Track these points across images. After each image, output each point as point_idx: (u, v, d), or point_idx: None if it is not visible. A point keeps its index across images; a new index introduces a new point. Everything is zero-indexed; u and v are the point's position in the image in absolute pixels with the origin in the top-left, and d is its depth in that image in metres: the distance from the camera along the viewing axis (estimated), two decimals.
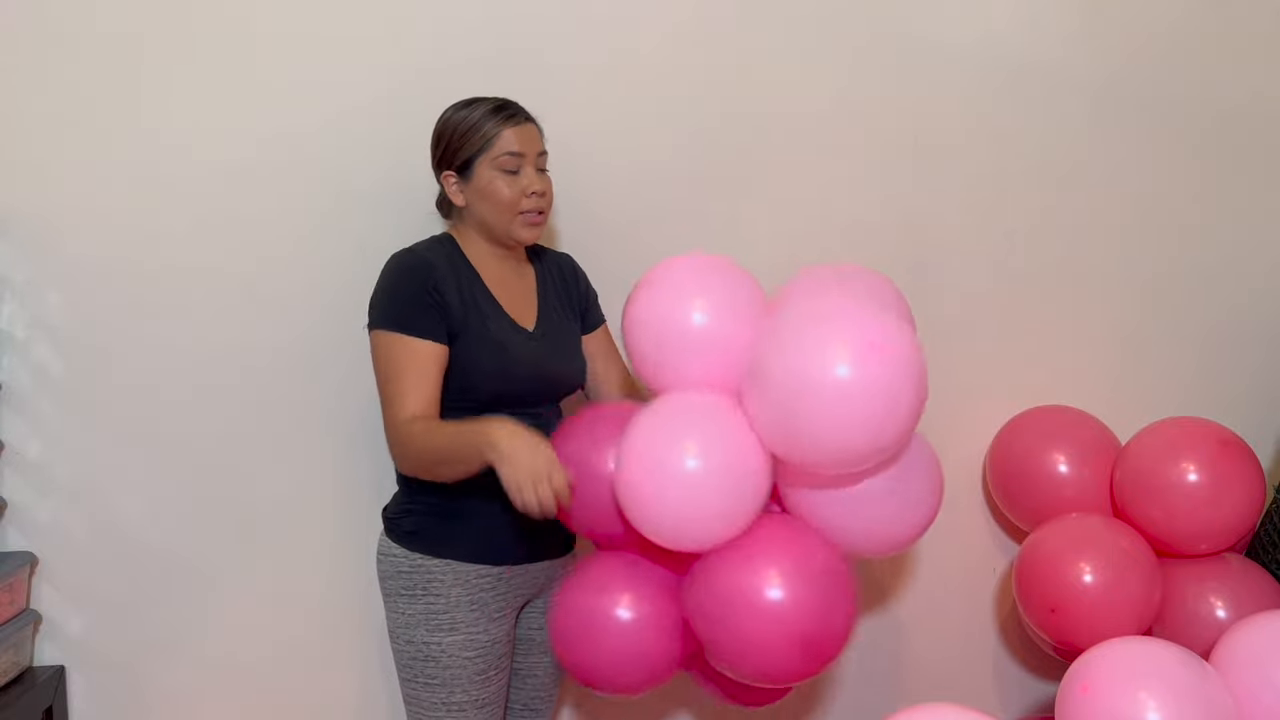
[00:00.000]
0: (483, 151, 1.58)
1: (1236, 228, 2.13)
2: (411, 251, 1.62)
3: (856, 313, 1.39)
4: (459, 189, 1.62)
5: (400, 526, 1.67)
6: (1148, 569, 1.76)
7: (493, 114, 1.59)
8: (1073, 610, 1.74)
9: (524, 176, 1.60)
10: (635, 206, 1.94)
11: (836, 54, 1.97)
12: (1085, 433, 1.97)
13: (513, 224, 1.62)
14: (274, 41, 1.82)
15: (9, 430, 1.83)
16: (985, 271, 2.07)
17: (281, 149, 1.84)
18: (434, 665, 1.60)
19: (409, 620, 1.62)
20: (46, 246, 1.81)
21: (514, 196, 1.59)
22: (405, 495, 1.68)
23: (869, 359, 1.32)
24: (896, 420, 1.35)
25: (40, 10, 1.77)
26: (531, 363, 1.63)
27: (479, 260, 1.65)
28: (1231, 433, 1.84)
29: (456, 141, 1.60)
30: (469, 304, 1.59)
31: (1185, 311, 2.14)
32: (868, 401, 1.32)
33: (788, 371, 1.36)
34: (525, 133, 1.61)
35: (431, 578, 1.61)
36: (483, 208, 1.61)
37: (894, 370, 1.33)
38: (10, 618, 1.78)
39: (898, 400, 1.33)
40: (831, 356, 1.33)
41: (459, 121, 1.60)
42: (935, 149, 2.03)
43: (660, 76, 1.92)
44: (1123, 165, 2.09)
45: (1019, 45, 2.02)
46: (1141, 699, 1.40)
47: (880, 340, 1.33)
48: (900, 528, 1.53)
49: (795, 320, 1.40)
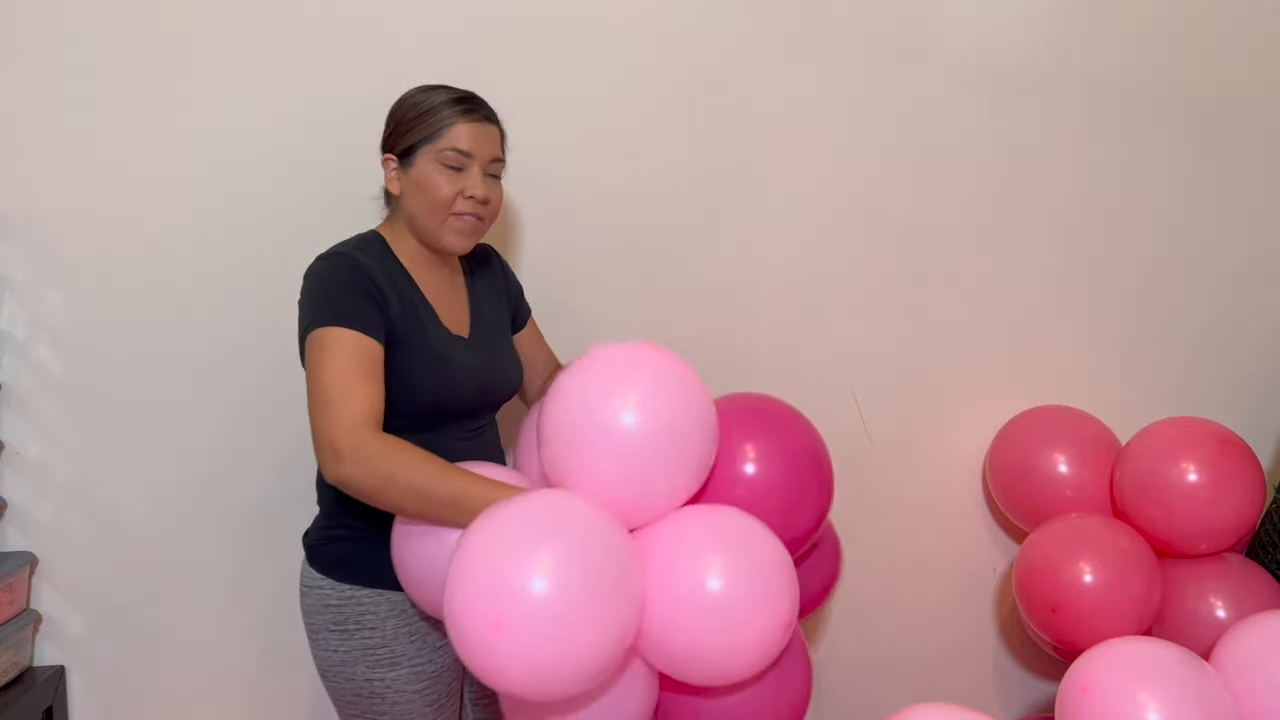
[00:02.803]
0: (428, 140, 1.44)
1: (1236, 227, 2.13)
2: (340, 253, 1.44)
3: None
4: (396, 176, 1.47)
5: (324, 555, 1.50)
6: (1148, 569, 1.76)
7: (452, 104, 1.45)
8: (1073, 610, 1.74)
9: (467, 176, 1.45)
10: (636, 206, 1.94)
11: (836, 55, 1.97)
12: (1085, 433, 1.97)
13: (442, 226, 1.46)
14: (275, 41, 1.82)
15: (9, 430, 1.83)
16: (985, 271, 2.07)
17: (282, 149, 1.84)
18: (381, 702, 1.46)
19: (345, 658, 1.46)
20: (46, 246, 1.81)
21: (449, 195, 1.44)
22: (327, 519, 1.51)
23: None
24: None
25: (40, 10, 1.77)
26: (472, 374, 1.49)
27: (411, 262, 1.49)
28: (1231, 432, 1.83)
29: (405, 124, 1.46)
30: (407, 312, 1.44)
31: (1185, 311, 2.14)
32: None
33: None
34: (481, 131, 1.46)
35: (364, 610, 1.46)
36: (415, 201, 1.45)
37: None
38: (10, 618, 1.78)
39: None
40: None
41: (414, 104, 1.46)
42: (936, 149, 2.03)
43: (660, 80, 1.92)
44: (1122, 165, 2.08)
45: (1019, 46, 2.02)
46: (1141, 699, 1.40)
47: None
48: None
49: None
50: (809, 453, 1.49)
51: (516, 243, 1.93)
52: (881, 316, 2.06)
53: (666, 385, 1.33)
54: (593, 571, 1.19)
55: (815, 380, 2.03)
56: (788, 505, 1.44)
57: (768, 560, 1.31)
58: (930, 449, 2.11)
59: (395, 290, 1.43)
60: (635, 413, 1.29)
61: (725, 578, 1.26)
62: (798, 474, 1.47)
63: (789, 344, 2.03)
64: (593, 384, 1.33)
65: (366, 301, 1.38)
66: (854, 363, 2.06)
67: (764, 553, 1.32)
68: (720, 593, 1.26)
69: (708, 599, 1.26)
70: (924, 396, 2.09)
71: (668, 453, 1.31)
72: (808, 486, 1.48)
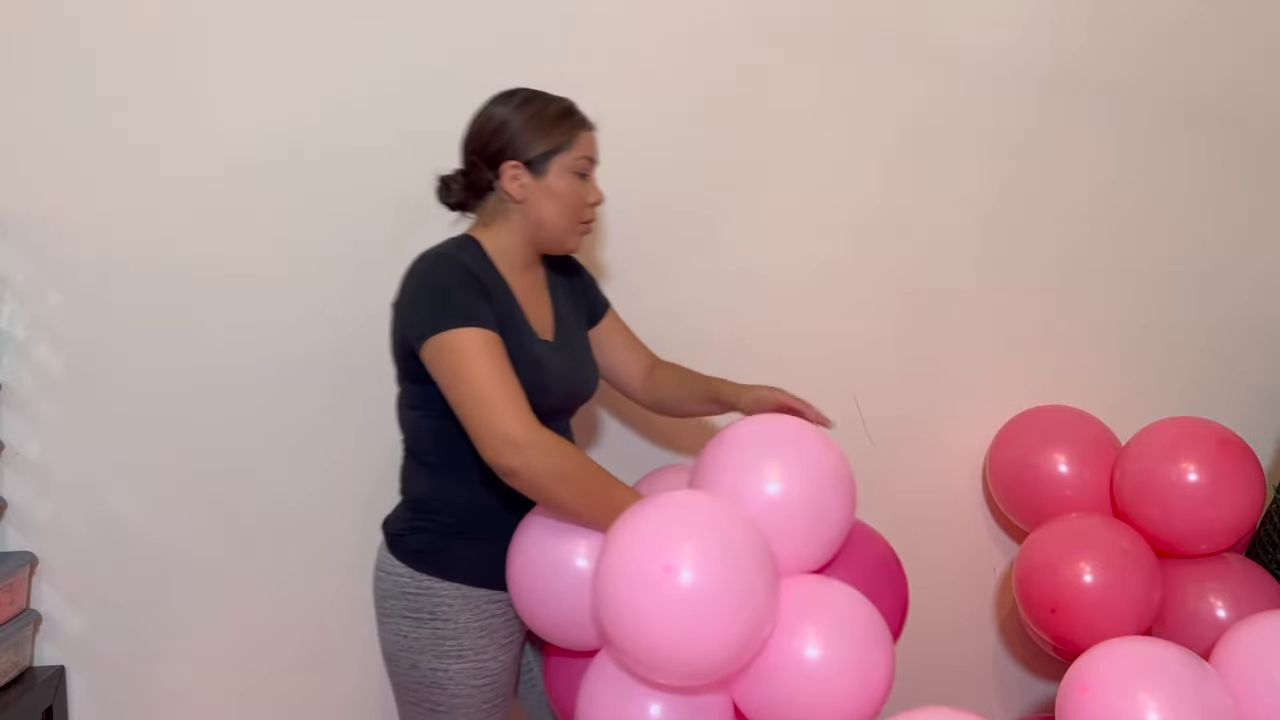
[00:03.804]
0: (561, 150, 1.49)
1: (1236, 227, 2.13)
2: (443, 254, 1.48)
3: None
4: (521, 183, 1.50)
5: (407, 545, 1.54)
6: (1148, 569, 1.76)
7: (572, 113, 1.52)
8: (1073, 610, 1.74)
9: (591, 184, 1.54)
10: (635, 207, 1.94)
11: (837, 55, 1.97)
12: (1085, 432, 1.97)
13: (572, 230, 1.53)
14: (275, 42, 1.82)
15: (9, 430, 1.83)
16: (985, 271, 2.07)
17: (282, 149, 1.84)
18: (440, 692, 1.51)
19: (413, 645, 1.51)
20: (46, 246, 1.81)
21: (582, 201, 1.52)
22: (412, 511, 1.56)
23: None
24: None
25: (40, 11, 1.77)
26: (561, 378, 1.54)
27: (506, 266, 1.52)
28: (1231, 432, 1.83)
29: (528, 134, 1.49)
30: (504, 314, 1.47)
31: (1185, 311, 2.14)
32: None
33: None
34: (594, 140, 1.54)
35: (439, 601, 1.51)
36: (546, 208, 1.50)
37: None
38: (10, 618, 1.78)
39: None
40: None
41: (532, 114, 1.50)
42: (937, 151, 2.03)
43: (664, 79, 1.92)
44: (1123, 166, 2.09)
45: (1020, 47, 2.02)
46: (1142, 699, 1.40)
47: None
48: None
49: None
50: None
51: None
52: (881, 316, 2.06)
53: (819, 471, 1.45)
54: (748, 560, 1.30)
55: (815, 380, 2.03)
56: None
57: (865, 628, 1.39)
58: (930, 449, 2.11)
59: (494, 292, 1.47)
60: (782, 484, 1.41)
61: (823, 647, 1.34)
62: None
63: (789, 344, 2.03)
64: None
65: (481, 299, 1.43)
66: (854, 362, 2.06)
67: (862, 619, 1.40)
68: (818, 661, 1.33)
69: (807, 664, 1.33)
70: (924, 397, 2.09)
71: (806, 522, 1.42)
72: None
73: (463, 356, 1.38)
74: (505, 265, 1.52)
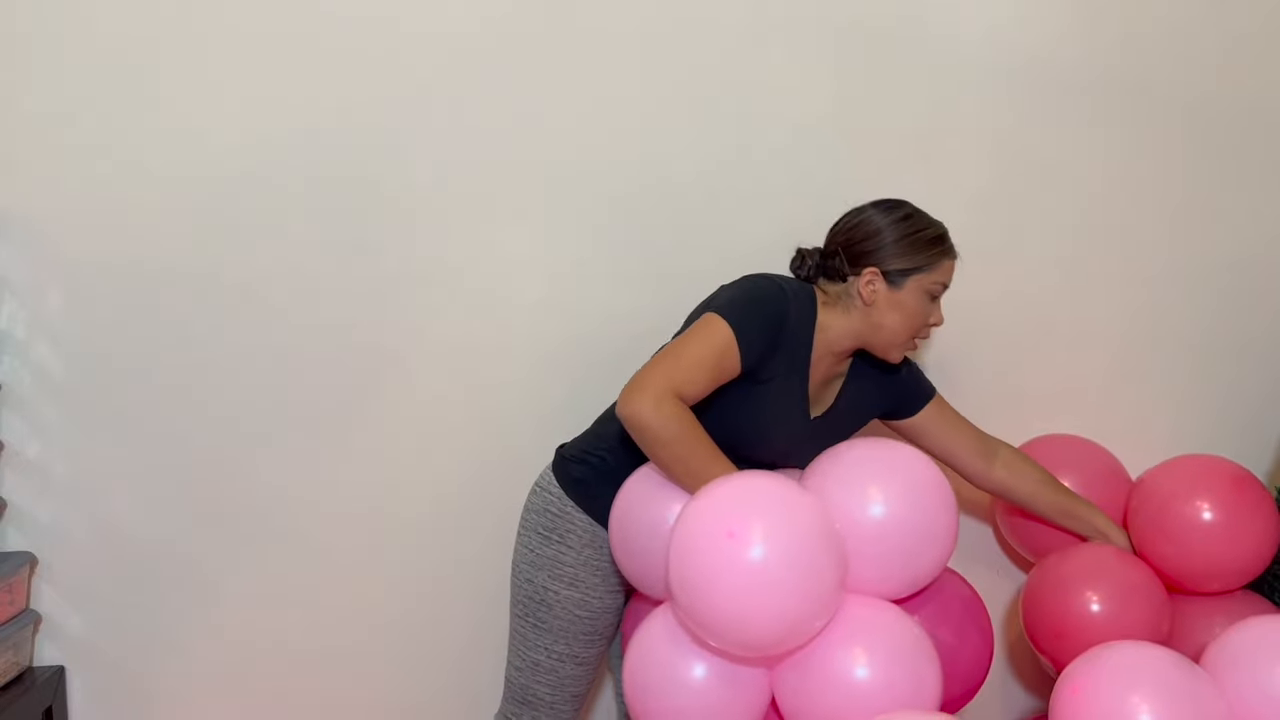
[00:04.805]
0: (923, 270, 1.57)
1: (1236, 227, 2.11)
2: (780, 285, 1.57)
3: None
4: (874, 289, 1.57)
5: (569, 470, 1.65)
6: (1157, 603, 1.75)
7: (943, 240, 1.60)
8: (1078, 640, 1.71)
9: (937, 306, 1.61)
10: (635, 207, 1.94)
11: (836, 54, 1.96)
12: (1094, 463, 1.93)
13: (902, 344, 1.61)
14: (275, 42, 1.81)
15: (9, 430, 1.83)
16: (988, 289, 2.03)
17: (281, 150, 1.83)
18: (546, 610, 1.62)
19: (535, 560, 1.63)
20: (46, 246, 1.81)
21: (922, 322, 1.60)
22: (591, 442, 1.66)
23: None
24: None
25: (40, 11, 1.76)
26: (792, 442, 1.61)
27: (821, 333, 1.60)
28: (1247, 471, 1.82)
29: (898, 248, 1.57)
30: (788, 364, 1.56)
31: (1185, 311, 2.12)
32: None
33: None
34: (953, 268, 1.62)
35: (571, 529, 1.62)
36: (891, 317, 1.58)
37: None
38: (10, 618, 1.79)
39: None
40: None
41: (907, 231, 1.58)
42: (936, 155, 2.02)
43: (663, 79, 1.92)
44: (1123, 168, 2.07)
45: (1018, 45, 2.00)
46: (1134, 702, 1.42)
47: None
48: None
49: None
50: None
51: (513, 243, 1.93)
52: None
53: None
54: (812, 545, 1.35)
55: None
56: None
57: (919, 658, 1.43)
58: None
59: (793, 343, 1.55)
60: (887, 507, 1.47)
61: (870, 665, 1.38)
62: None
63: None
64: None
65: (766, 330, 1.52)
66: None
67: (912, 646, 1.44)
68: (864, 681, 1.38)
69: (846, 676, 1.38)
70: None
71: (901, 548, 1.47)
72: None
73: (704, 334, 1.49)
74: (821, 341, 1.60)
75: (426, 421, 1.92)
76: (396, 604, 1.96)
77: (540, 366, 1.93)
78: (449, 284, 1.90)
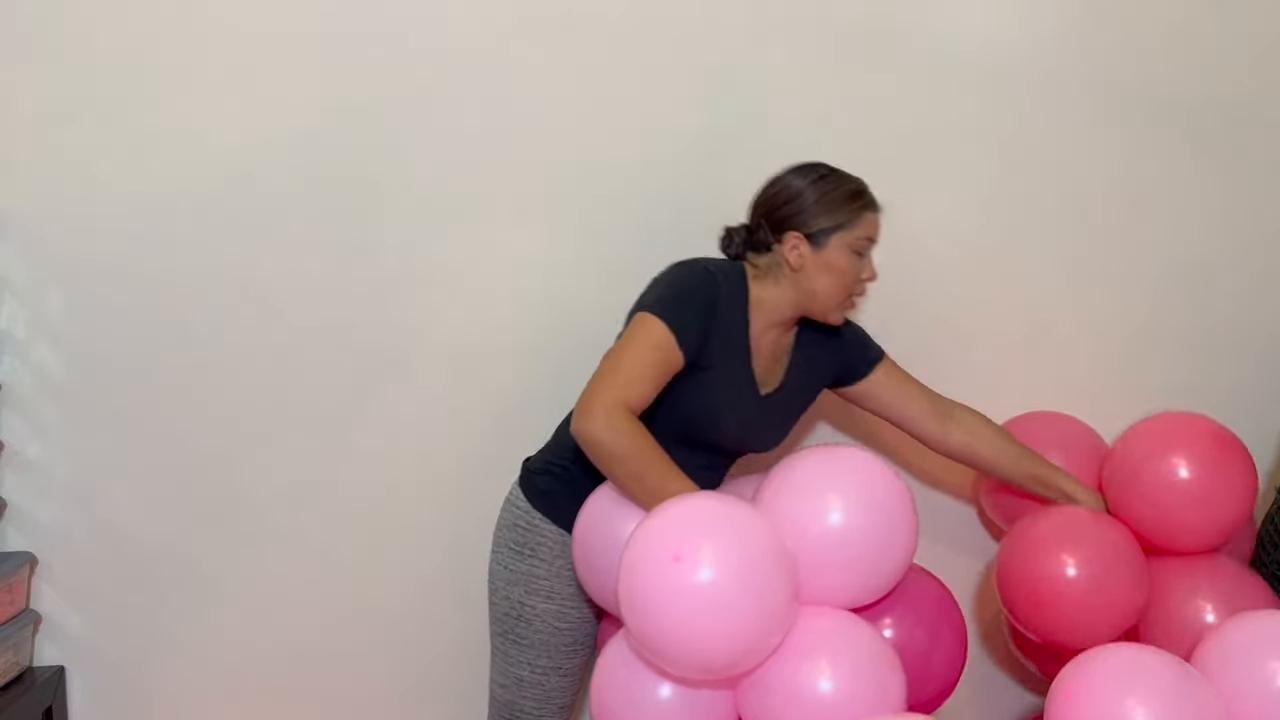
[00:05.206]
0: (844, 228, 1.56)
1: (1236, 227, 2.12)
2: (705, 268, 1.57)
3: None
4: (799, 253, 1.57)
5: (535, 483, 1.64)
6: (1135, 565, 1.74)
7: (861, 194, 1.59)
8: (1058, 609, 1.71)
9: (867, 262, 1.60)
10: (636, 207, 1.94)
11: (836, 54, 1.96)
12: (1076, 439, 1.96)
13: (840, 304, 1.60)
14: (275, 42, 1.81)
15: (9, 430, 1.83)
16: (979, 275, 2.06)
17: (281, 149, 1.83)
18: (525, 626, 1.61)
19: (510, 577, 1.62)
20: (46, 246, 1.81)
21: (855, 279, 1.59)
22: (554, 453, 1.66)
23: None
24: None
25: (40, 11, 1.76)
26: (744, 423, 1.61)
27: (756, 309, 1.60)
28: (1224, 428, 1.81)
29: (818, 208, 1.56)
30: (727, 347, 1.56)
31: (1184, 312, 2.12)
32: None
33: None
34: (877, 221, 1.61)
35: (543, 541, 1.61)
36: (821, 280, 1.57)
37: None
38: (10, 618, 1.79)
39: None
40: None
41: (824, 191, 1.57)
42: (931, 152, 2.02)
43: (663, 79, 1.92)
44: (1122, 167, 2.06)
45: (1018, 45, 2.00)
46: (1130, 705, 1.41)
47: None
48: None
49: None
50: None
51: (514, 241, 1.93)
52: (874, 320, 2.06)
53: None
54: (759, 565, 1.32)
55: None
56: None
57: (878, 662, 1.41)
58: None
59: (728, 323, 1.55)
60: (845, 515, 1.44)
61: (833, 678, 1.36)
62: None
63: None
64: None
65: (700, 318, 1.51)
66: None
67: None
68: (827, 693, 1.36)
69: (809, 690, 1.35)
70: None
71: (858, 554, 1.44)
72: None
73: (640, 337, 1.49)
74: (759, 315, 1.60)
75: (426, 421, 1.92)
76: (396, 604, 1.96)
77: (540, 366, 1.92)
78: (449, 284, 1.90)
